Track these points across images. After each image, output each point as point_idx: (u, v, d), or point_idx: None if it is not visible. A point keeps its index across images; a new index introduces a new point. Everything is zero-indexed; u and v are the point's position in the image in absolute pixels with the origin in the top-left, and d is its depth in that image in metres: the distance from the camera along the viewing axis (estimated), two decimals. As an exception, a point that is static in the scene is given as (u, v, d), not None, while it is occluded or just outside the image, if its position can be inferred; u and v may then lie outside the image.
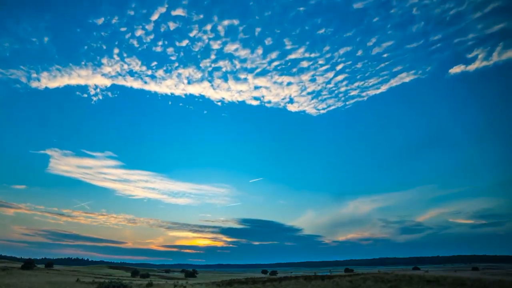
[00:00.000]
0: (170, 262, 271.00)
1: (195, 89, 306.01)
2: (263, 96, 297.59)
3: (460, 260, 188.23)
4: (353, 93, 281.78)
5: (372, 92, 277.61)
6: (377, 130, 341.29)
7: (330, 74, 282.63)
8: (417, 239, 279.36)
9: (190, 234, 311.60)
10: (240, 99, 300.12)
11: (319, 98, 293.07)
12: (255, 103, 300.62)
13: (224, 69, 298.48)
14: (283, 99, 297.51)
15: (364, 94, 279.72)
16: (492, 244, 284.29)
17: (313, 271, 67.26)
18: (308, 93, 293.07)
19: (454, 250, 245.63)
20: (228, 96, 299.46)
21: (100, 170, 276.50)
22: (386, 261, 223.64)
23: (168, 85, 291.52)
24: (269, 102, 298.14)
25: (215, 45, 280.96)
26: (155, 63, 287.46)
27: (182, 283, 35.73)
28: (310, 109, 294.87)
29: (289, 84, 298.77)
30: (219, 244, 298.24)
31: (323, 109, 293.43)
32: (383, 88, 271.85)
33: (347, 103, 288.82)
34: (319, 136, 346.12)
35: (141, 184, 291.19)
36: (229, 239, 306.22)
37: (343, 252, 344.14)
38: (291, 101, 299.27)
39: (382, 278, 27.28)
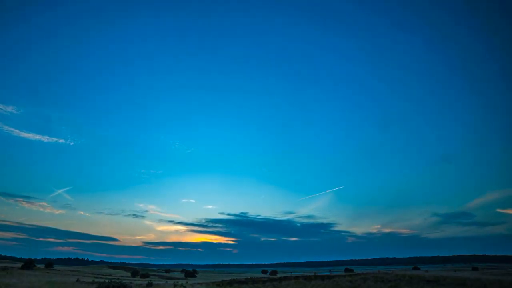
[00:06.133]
0: (170, 262, 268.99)
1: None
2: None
3: (460, 260, 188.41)
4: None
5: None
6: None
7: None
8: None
9: (183, 228, 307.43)
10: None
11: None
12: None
13: None
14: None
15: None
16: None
17: (313, 271, 67.31)
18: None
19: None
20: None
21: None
22: (386, 261, 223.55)
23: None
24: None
25: None
26: None
27: (182, 283, 35.72)
28: None
29: None
30: (216, 240, 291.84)
31: None
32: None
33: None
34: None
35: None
36: (228, 238, 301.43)
37: (349, 251, 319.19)
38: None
39: (382, 278, 27.30)
